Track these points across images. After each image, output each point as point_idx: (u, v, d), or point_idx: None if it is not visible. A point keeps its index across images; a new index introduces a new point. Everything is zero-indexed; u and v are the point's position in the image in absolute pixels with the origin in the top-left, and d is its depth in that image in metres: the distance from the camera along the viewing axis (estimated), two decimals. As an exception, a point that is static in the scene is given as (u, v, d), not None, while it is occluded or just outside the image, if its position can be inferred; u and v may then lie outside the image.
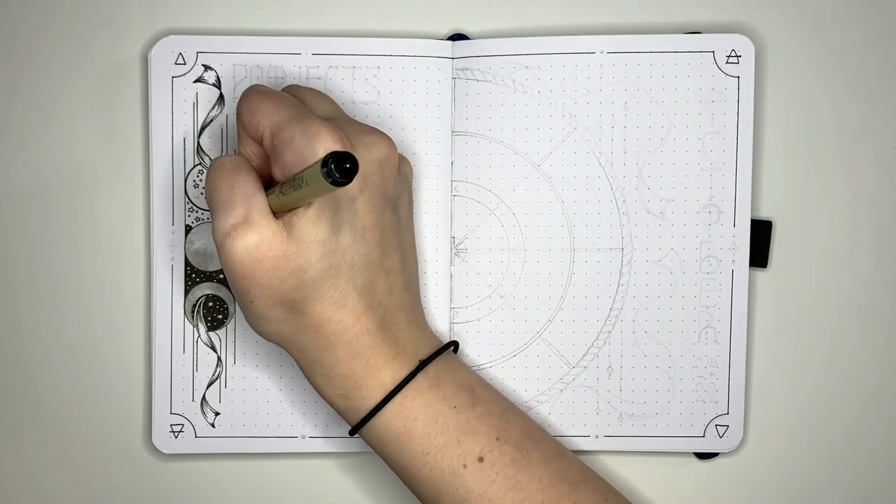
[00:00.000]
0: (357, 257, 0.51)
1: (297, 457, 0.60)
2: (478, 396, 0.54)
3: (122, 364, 0.60)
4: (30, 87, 0.60)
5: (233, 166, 0.51)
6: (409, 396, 0.52)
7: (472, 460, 0.52)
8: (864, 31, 0.60)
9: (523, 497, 0.52)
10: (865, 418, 0.60)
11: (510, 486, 0.52)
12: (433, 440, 0.52)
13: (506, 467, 0.52)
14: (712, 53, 0.59)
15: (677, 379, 0.59)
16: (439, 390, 0.53)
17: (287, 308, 0.51)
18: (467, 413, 0.53)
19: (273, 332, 0.52)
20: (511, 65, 0.59)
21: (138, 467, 0.61)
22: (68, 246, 0.60)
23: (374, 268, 0.52)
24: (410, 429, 0.52)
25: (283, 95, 0.52)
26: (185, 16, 0.60)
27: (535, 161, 0.59)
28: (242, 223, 0.49)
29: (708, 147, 0.59)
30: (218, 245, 0.50)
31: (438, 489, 0.52)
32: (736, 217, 0.59)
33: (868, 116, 0.60)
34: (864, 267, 0.60)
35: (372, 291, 0.52)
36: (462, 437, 0.52)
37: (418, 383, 0.53)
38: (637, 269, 0.60)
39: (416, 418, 0.52)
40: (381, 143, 0.52)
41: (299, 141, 0.49)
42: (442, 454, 0.52)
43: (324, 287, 0.50)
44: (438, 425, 0.52)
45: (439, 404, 0.52)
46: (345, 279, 0.51)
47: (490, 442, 0.52)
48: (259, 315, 0.51)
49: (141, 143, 0.60)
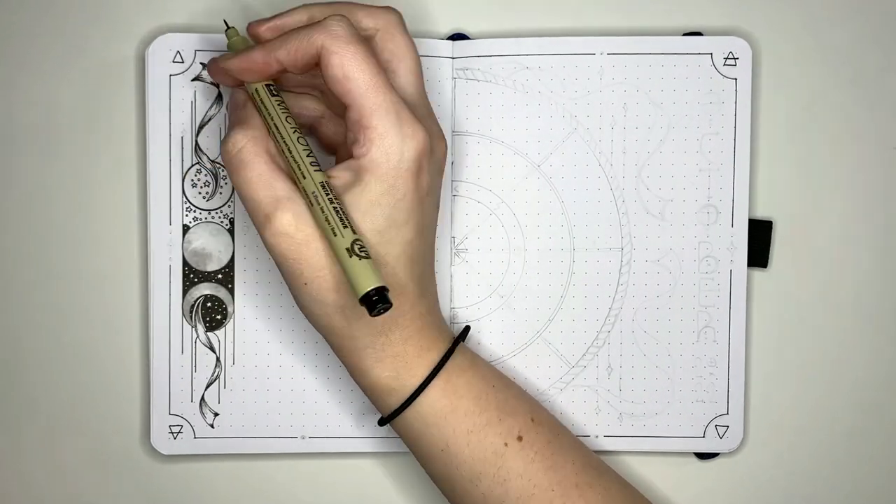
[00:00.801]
0: (415, 251, 0.51)
1: (296, 457, 0.60)
2: (507, 379, 0.55)
3: (120, 365, 0.60)
4: (26, 86, 0.60)
5: (250, 154, 0.50)
6: (454, 374, 0.53)
7: (512, 439, 0.53)
8: (860, 34, 0.60)
9: (560, 478, 0.52)
10: (866, 418, 0.61)
11: (548, 467, 0.53)
12: (477, 418, 0.53)
13: (543, 448, 0.53)
14: (710, 56, 0.59)
15: (677, 379, 0.60)
16: (477, 370, 0.54)
17: (344, 292, 0.50)
18: (505, 392, 0.54)
19: (324, 317, 0.51)
20: (511, 65, 0.59)
21: (137, 468, 0.60)
22: (65, 246, 0.60)
23: (428, 260, 0.53)
24: (456, 406, 0.53)
25: (380, 67, 0.50)
26: (183, 13, 0.60)
27: (536, 161, 0.59)
28: (275, 214, 0.49)
29: (706, 148, 0.60)
30: (262, 223, 0.50)
31: (480, 469, 0.52)
32: (734, 217, 0.60)
33: (866, 117, 0.60)
34: (863, 267, 0.61)
35: (425, 280, 0.53)
36: (503, 416, 0.53)
37: (460, 362, 0.53)
38: (636, 268, 0.60)
39: (462, 395, 0.53)
40: (443, 141, 0.53)
41: (392, 139, 0.49)
42: (485, 432, 0.53)
43: (384, 274, 0.50)
44: (482, 402, 0.53)
45: (480, 382, 0.53)
46: (405, 270, 0.51)
47: (527, 422, 0.53)
48: (313, 299, 0.51)
49: (138, 141, 0.60)
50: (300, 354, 0.59)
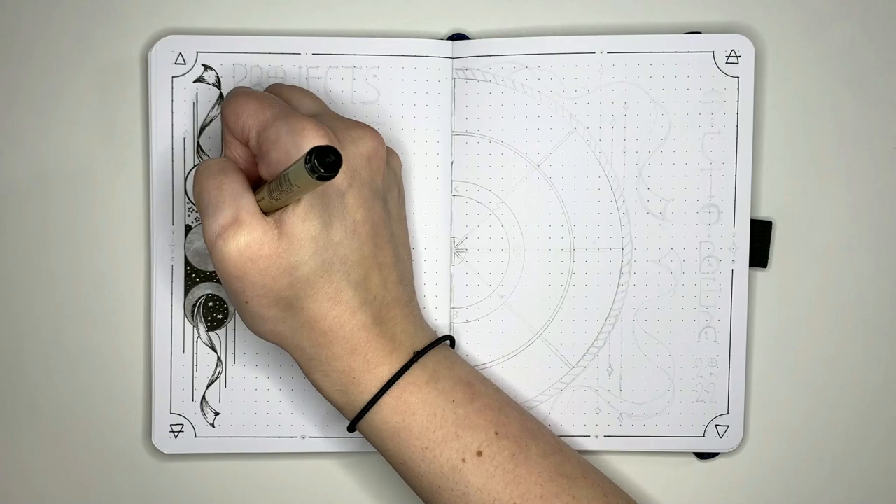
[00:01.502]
0: (349, 252, 0.51)
1: (297, 457, 0.60)
2: (476, 391, 0.54)
3: (121, 364, 0.60)
4: (30, 87, 0.60)
5: (219, 168, 0.51)
6: (406, 391, 0.52)
7: (470, 455, 0.52)
8: (863, 31, 0.60)
9: (522, 491, 0.52)
10: (865, 418, 0.61)
11: (509, 481, 0.52)
12: (432, 434, 0.52)
13: (504, 462, 0.52)
14: (712, 54, 0.59)
15: (677, 379, 0.60)
16: (437, 385, 0.53)
17: (282, 306, 0.51)
18: (466, 408, 0.53)
19: (270, 332, 0.52)
20: (511, 65, 0.59)
21: (138, 467, 0.61)
22: (68, 246, 0.60)
23: (368, 262, 0.52)
24: (409, 423, 0.52)
25: (267, 95, 0.52)
26: (185, 15, 0.60)
27: (535, 161, 0.59)
28: (232, 224, 0.49)
29: (708, 147, 0.59)
30: (209, 247, 0.50)
31: (438, 484, 0.52)
32: (735, 217, 0.59)
33: (868, 116, 0.60)
34: (864, 267, 0.60)
35: (366, 286, 0.52)
36: (461, 432, 0.52)
37: (416, 377, 0.53)
38: (637, 268, 0.60)
39: (415, 413, 0.52)
40: (368, 137, 0.52)
41: (285, 138, 0.50)
42: (441, 448, 0.52)
43: (318, 283, 0.50)
44: (437, 420, 0.52)
45: (437, 398, 0.53)
46: (338, 275, 0.51)
47: (489, 436, 0.52)
48: (255, 315, 0.51)
49: (141, 143, 0.60)
50: (301, 354, 0.60)
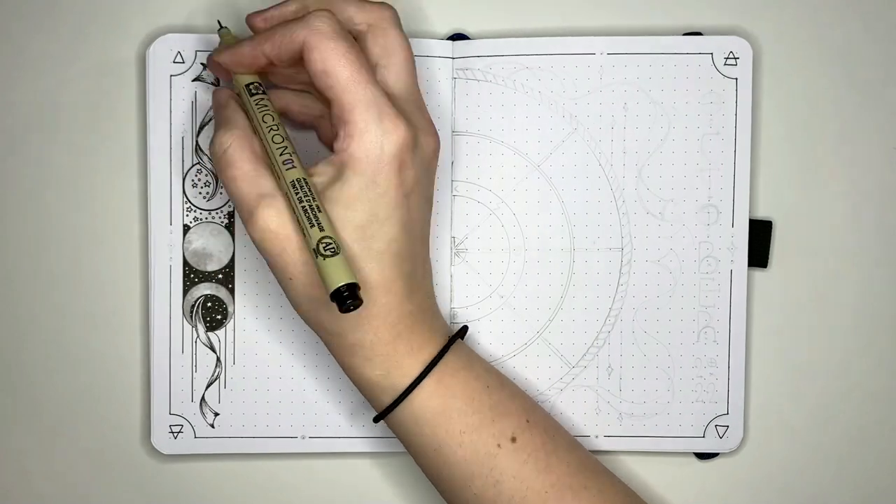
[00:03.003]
0: (402, 249, 0.51)
1: (296, 457, 0.60)
2: (503, 379, 0.55)
3: (120, 364, 0.60)
4: (27, 86, 0.60)
5: (236, 153, 0.51)
6: (446, 374, 0.53)
7: (505, 440, 0.53)
8: (861, 33, 0.60)
9: (553, 480, 0.52)
10: (866, 418, 0.61)
11: (541, 469, 0.52)
12: (470, 418, 0.52)
13: (537, 450, 0.53)
14: (711, 55, 0.59)
15: (677, 379, 0.60)
16: (472, 371, 0.54)
17: None
18: (499, 393, 0.54)
19: (311, 313, 0.52)
20: (511, 65, 0.59)
21: (138, 468, 0.60)
22: (66, 246, 0.60)
23: (418, 258, 0.52)
24: (448, 406, 0.52)
25: (363, 61, 0.50)
26: (184, 14, 0.60)
27: (536, 161, 0.59)
28: (257, 211, 0.49)
29: (707, 148, 0.59)
30: (248, 217, 0.50)
31: (472, 471, 0.52)
32: (734, 217, 0.60)
33: (866, 117, 0.60)
34: (864, 267, 0.60)
35: (414, 277, 0.52)
36: (496, 417, 0.53)
37: (452, 363, 0.53)
38: (636, 268, 0.60)
39: (455, 395, 0.53)
40: (434, 140, 0.53)
41: (372, 133, 0.49)
42: (478, 433, 0.52)
43: (368, 273, 0.50)
44: (475, 403, 0.53)
45: (474, 383, 0.53)
46: (392, 266, 0.51)
47: (521, 423, 0.53)
48: (300, 294, 0.51)
49: (138, 141, 0.60)
50: (300, 354, 0.59)
